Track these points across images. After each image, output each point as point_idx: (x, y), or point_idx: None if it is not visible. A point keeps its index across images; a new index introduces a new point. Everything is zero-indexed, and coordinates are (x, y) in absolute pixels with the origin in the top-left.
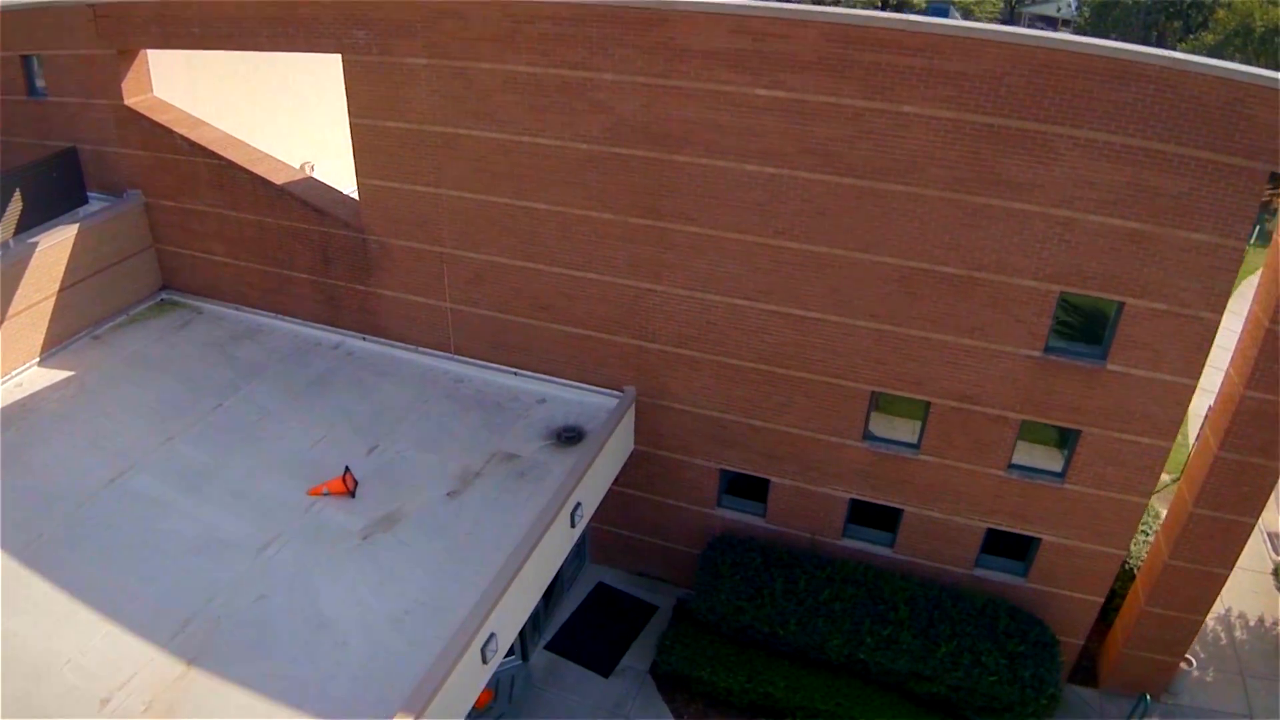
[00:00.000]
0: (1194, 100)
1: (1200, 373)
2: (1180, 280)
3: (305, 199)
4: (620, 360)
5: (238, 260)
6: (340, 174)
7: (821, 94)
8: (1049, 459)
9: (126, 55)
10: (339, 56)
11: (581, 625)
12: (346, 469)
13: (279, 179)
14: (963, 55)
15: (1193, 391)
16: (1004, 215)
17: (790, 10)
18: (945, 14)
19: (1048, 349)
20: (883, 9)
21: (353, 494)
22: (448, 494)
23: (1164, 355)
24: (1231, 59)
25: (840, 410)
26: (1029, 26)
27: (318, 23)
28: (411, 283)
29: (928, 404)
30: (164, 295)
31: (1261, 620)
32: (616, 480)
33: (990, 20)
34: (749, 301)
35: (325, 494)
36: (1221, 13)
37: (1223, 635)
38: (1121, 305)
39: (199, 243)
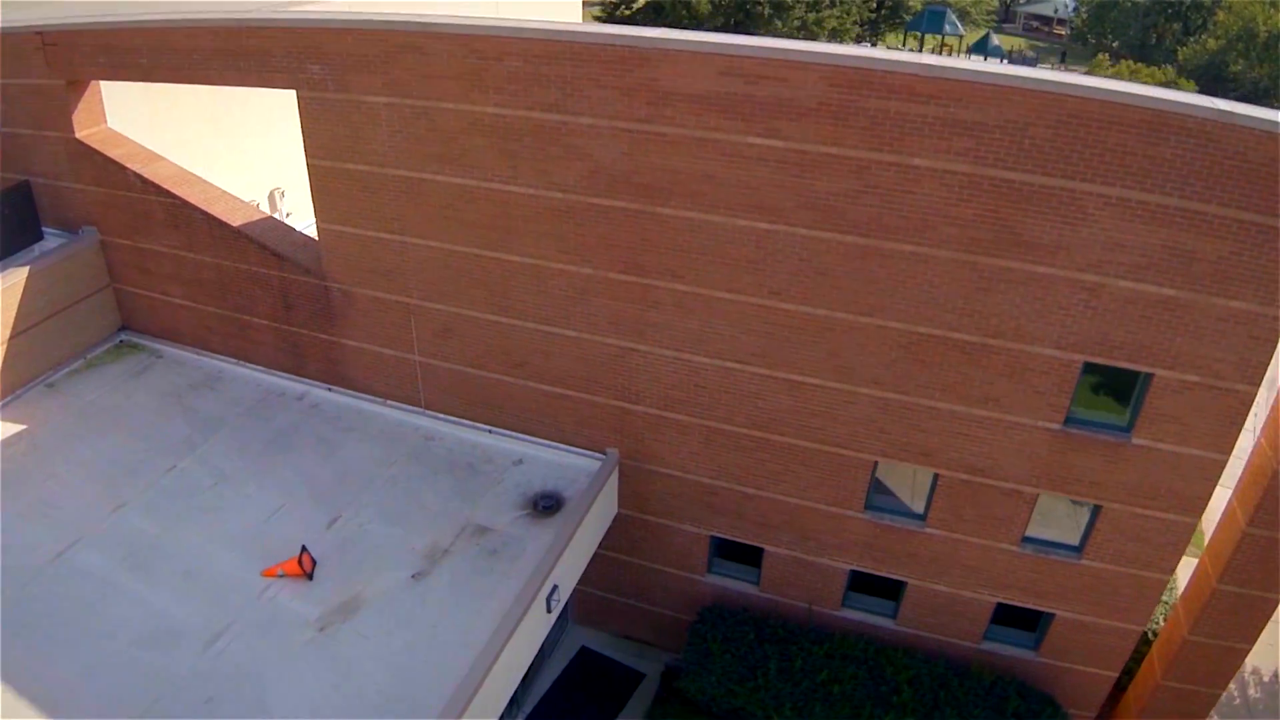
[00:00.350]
0: (1239, 156)
1: (1233, 448)
2: (1215, 351)
3: (263, 242)
4: (602, 421)
5: (196, 303)
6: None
7: (822, 144)
8: (1066, 533)
9: (77, 86)
10: None
11: (563, 696)
12: (303, 549)
13: (236, 220)
14: (981, 103)
15: (1223, 467)
16: (1024, 279)
17: (787, 51)
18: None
19: (1068, 421)
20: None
21: (310, 576)
22: (413, 576)
23: (1194, 430)
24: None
25: (840, 480)
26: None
27: (269, 56)
28: (377, 333)
29: (935, 476)
30: (123, 336)
31: (1276, 676)
32: (600, 543)
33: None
34: (741, 365)
35: (280, 575)
36: (1222, 15)
37: (1236, 695)
38: (1150, 376)
39: (157, 284)
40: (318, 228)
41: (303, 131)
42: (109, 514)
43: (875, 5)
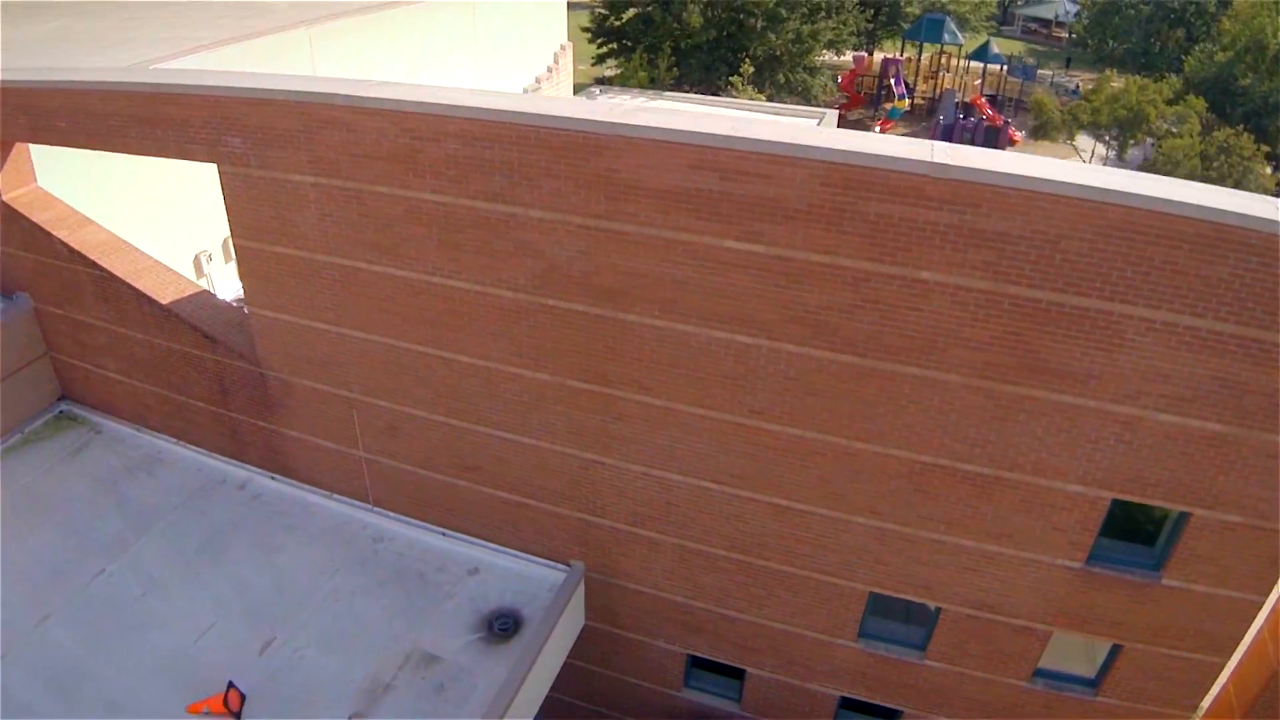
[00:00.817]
0: None
1: (1272, 589)
2: (1261, 490)
3: (194, 323)
4: (565, 533)
5: (132, 380)
6: None
7: (812, 252)
8: (1082, 666)
9: (2, 146)
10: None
11: None
12: (230, 685)
13: (166, 295)
14: (1005, 211)
15: (1260, 608)
16: (1048, 410)
17: (771, 143)
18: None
19: (1091, 558)
20: (875, 17)
21: (237, 716)
22: (350, 718)
23: (1231, 571)
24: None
25: (830, 608)
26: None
27: (187, 126)
28: (319, 426)
29: (938, 609)
30: (63, 407)
31: None
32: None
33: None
34: (718, 485)
35: (206, 713)
36: (1227, 23)
37: None
38: (1187, 515)
39: (92, 357)
40: (249, 313)
41: (226, 210)
42: (35, 626)
43: (872, 14)
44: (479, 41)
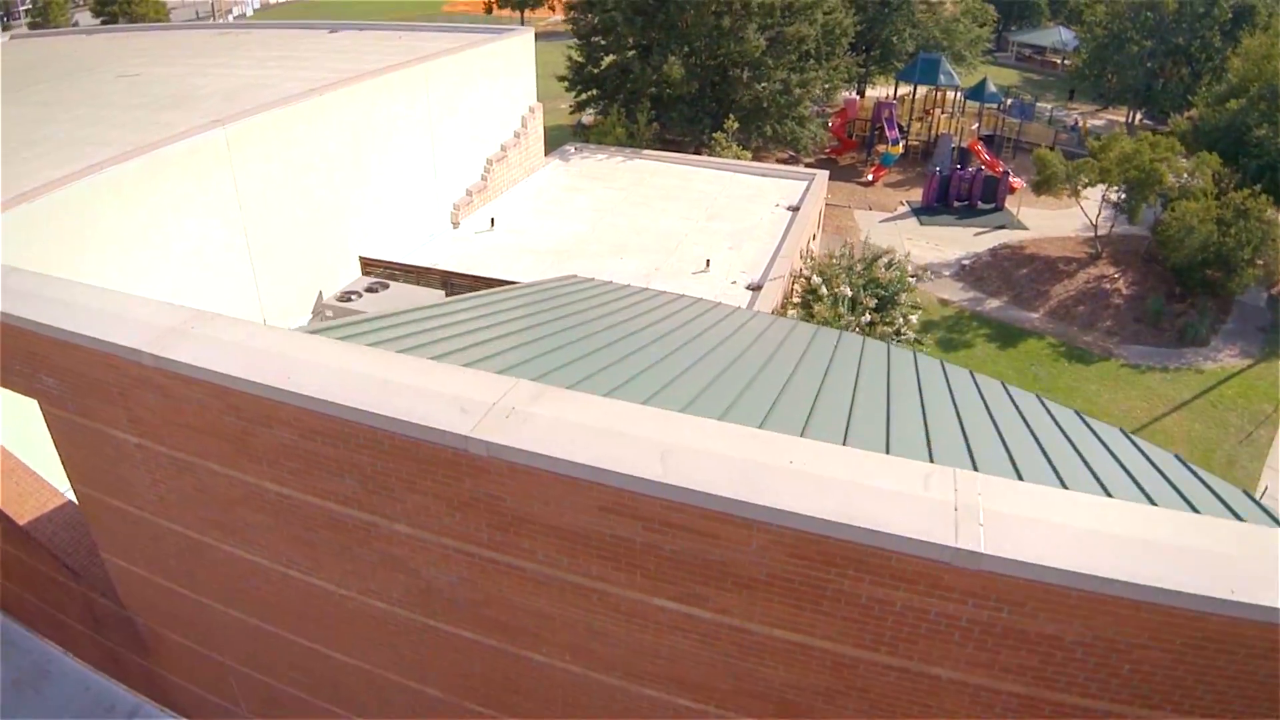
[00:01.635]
0: None
1: None
2: None
3: (54, 551)
4: None
5: (13, 585)
6: None
7: (776, 628)
8: None
9: None
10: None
11: None
12: None
13: (25, 512)
14: (1059, 612)
15: None
16: None
17: (711, 498)
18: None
19: None
20: (868, 55)
21: None
22: None
23: None
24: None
25: None
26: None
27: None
28: (198, 679)
29: None
30: None
31: None
32: None
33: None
34: None
35: None
36: (1236, 62)
37: None
38: None
39: None
40: (103, 557)
41: (56, 450)
42: None
43: (864, 56)
44: (434, 114)
